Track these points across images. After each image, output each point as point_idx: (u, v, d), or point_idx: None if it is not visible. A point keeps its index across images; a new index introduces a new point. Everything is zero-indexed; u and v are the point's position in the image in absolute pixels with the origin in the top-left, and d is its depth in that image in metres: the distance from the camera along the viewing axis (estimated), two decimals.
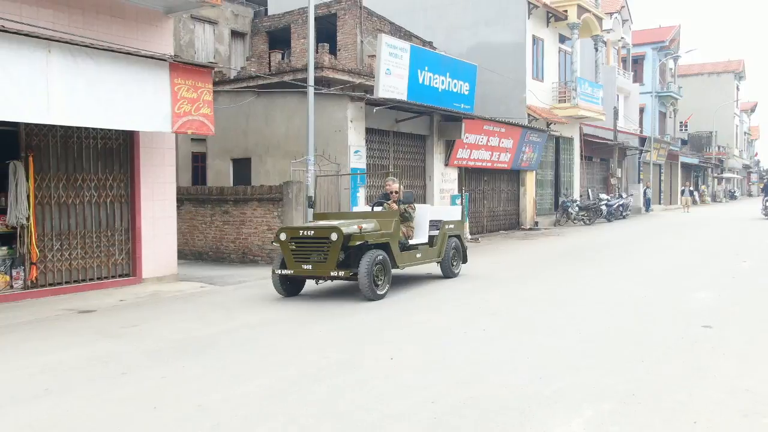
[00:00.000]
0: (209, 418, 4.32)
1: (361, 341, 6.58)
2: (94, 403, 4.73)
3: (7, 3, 8.79)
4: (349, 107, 14.88)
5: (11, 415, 4.48)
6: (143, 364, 5.76)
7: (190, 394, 4.87)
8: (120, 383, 5.20)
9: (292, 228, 9.26)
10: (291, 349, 6.30)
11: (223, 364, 5.76)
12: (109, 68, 8.81)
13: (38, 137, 9.50)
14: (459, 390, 4.86)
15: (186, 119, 9.80)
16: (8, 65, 7.75)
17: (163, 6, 10.71)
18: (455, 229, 11.18)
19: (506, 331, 6.93)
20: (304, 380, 5.17)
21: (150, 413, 4.44)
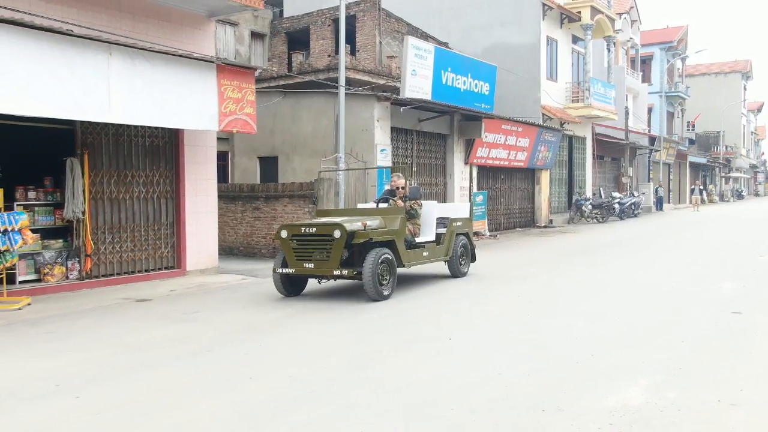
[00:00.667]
0: (304, 385, 4.79)
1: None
2: (193, 374, 5.20)
3: (69, 8, 9.26)
4: (376, 107, 15.36)
5: (127, 383, 4.94)
6: (221, 343, 6.24)
7: (276, 367, 5.34)
8: (208, 359, 5.67)
9: (293, 225, 8.85)
10: (339, 336, 6.76)
11: (294, 343, 6.23)
12: (163, 70, 9.30)
13: (92, 135, 9.99)
14: (519, 366, 5.31)
15: (231, 118, 10.28)
16: (75, 67, 8.23)
17: (206, 10, 11.18)
18: (463, 226, 10.78)
19: (543, 318, 7.38)
20: (365, 358, 5.64)
21: (250, 383, 4.91)
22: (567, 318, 7.22)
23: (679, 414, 4.13)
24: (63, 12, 9.19)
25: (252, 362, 5.53)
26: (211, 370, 5.31)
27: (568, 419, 4.06)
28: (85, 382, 4.98)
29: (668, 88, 47.24)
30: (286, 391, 4.70)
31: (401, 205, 9.48)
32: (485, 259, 13.15)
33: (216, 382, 4.96)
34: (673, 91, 47.45)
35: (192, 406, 4.42)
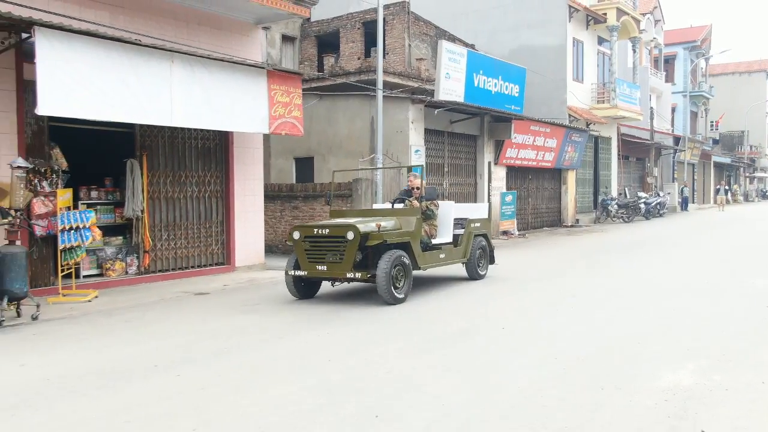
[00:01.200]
0: (386, 364, 5.28)
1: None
2: (275, 357, 5.70)
3: (131, 18, 9.83)
4: (410, 109, 15.82)
5: (218, 364, 5.44)
6: (291, 331, 6.75)
7: (352, 351, 5.84)
8: (285, 344, 6.19)
9: (306, 226, 8.62)
10: (404, 323, 7.23)
11: (358, 332, 6.71)
12: (219, 76, 9.83)
13: (150, 138, 10.55)
14: (569, 354, 5.74)
15: (280, 121, 10.79)
16: (141, 75, 8.78)
17: (254, 18, 11.72)
18: (482, 227, 10.49)
19: (585, 311, 7.79)
20: (433, 344, 6.11)
21: (331, 364, 5.39)
22: (608, 312, 7.63)
23: (727, 393, 4.54)
24: (126, 22, 9.76)
25: (327, 347, 6.01)
26: (290, 353, 5.81)
27: (626, 396, 4.48)
28: (179, 363, 5.49)
29: (692, 88, 47.16)
30: (364, 371, 5.17)
31: (417, 205, 9.21)
32: (520, 258, 13.57)
33: (298, 363, 5.45)
34: (696, 90, 47.36)
35: (282, 382, 4.90)
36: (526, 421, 4.03)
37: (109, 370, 5.34)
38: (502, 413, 4.18)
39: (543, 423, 3.99)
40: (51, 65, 7.77)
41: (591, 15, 25.86)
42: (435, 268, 9.81)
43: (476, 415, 4.14)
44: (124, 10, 9.85)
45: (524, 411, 4.21)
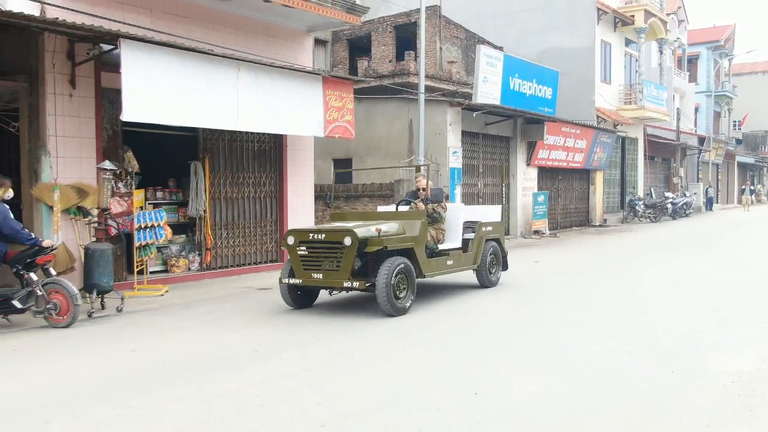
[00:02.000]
0: (461, 352, 5.77)
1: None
2: (370, 342, 6.21)
3: (195, 27, 10.39)
4: (448, 112, 16.29)
5: (314, 349, 5.96)
6: (372, 321, 7.25)
7: (433, 337, 6.33)
8: (369, 331, 6.69)
9: (301, 230, 8.08)
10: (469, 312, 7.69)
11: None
12: (279, 82, 10.37)
13: (212, 141, 11.12)
14: (631, 344, 6.19)
15: (334, 125, 11.31)
16: (212, 82, 9.34)
17: (306, 26, 12.26)
18: (494, 231, 9.86)
19: (638, 306, 8.22)
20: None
21: (415, 350, 5.90)
22: (659, 306, 8.06)
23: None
24: (188, 31, 10.30)
25: (408, 333, 6.51)
26: (379, 339, 6.34)
27: (697, 378, 4.94)
28: (279, 349, 6.02)
29: (715, 88, 47.15)
30: (454, 354, 5.67)
31: (422, 208, 8.65)
32: (556, 256, 13.99)
33: (393, 346, 5.99)
34: (720, 90, 47.33)
35: (384, 364, 5.42)
36: (618, 398, 4.50)
37: (215, 355, 5.87)
38: (581, 396, 4.66)
39: (629, 397, 4.46)
40: (134, 74, 8.34)
41: (619, 17, 26.17)
42: (443, 276, 9.28)
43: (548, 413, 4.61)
44: (189, 20, 10.41)
45: (607, 391, 4.68)
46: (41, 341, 6.65)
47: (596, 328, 6.79)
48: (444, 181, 16.15)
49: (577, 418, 4.15)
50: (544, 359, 5.55)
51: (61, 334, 6.95)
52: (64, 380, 5.21)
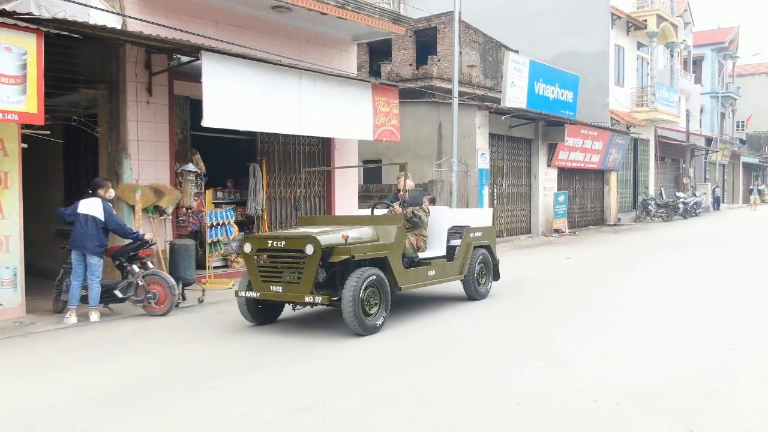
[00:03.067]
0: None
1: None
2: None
3: (254, 38, 11.08)
4: (477, 115, 17.01)
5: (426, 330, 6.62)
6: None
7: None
8: (470, 320, 7.38)
9: (259, 237, 7.36)
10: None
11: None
12: (335, 89, 11.08)
13: (268, 144, 11.82)
14: (679, 329, 6.90)
15: (382, 129, 12.02)
16: (278, 90, 10.04)
17: (352, 35, 12.97)
18: (484, 237, 8.95)
19: (678, 298, 8.94)
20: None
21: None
22: (696, 295, 8.78)
23: None
24: (249, 41, 10.95)
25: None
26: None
27: (756, 359, 5.65)
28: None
29: (719, 89, 47.90)
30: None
31: (399, 211, 7.74)
32: (586, 252, 14.69)
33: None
34: (724, 91, 48.09)
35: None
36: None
37: (325, 337, 6.55)
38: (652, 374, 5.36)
39: (710, 369, 5.17)
40: (213, 84, 9.04)
41: (632, 22, 26.88)
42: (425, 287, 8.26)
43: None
44: (250, 31, 11.10)
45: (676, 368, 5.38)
46: (151, 328, 7.35)
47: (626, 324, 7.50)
48: (473, 181, 16.87)
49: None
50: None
51: (162, 322, 7.65)
52: (202, 357, 5.90)
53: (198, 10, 10.36)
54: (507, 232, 18.99)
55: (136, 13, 9.47)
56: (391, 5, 12.40)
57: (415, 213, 8.00)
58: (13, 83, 7.04)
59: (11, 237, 7.95)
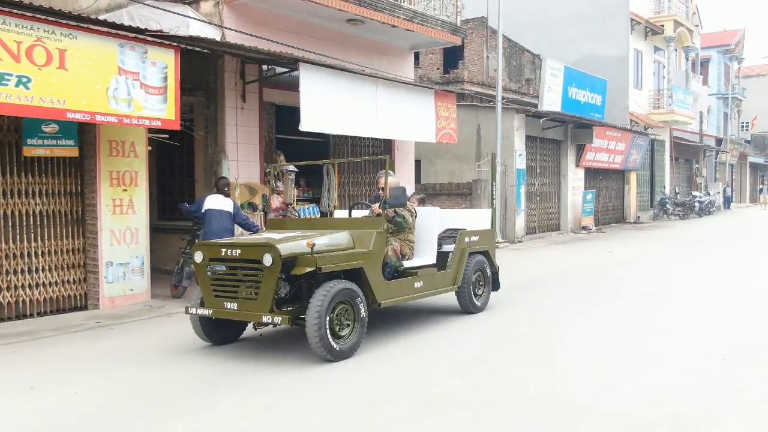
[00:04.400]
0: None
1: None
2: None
3: (330, 48, 12.03)
4: (515, 118, 17.98)
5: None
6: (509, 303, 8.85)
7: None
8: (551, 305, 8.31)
9: (211, 245, 6.25)
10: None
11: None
12: (404, 96, 12.04)
13: (339, 146, 12.79)
14: (744, 311, 7.88)
15: (443, 132, 13.00)
16: (358, 97, 10.99)
17: (410, 45, 13.94)
18: (481, 242, 7.94)
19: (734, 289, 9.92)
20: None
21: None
22: (753, 282, 9.76)
23: None
24: (325, 50, 11.92)
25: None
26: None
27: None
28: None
29: (725, 90, 48.93)
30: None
31: (377, 211, 6.78)
32: (622, 248, 15.66)
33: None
34: (731, 92, 49.14)
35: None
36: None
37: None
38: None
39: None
40: (309, 92, 10.00)
41: (650, 27, 27.89)
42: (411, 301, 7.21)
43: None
44: (325, 41, 12.05)
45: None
46: None
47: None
48: (511, 180, 17.84)
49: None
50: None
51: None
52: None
53: (283, 23, 11.31)
54: (539, 229, 19.97)
55: (232, 26, 10.43)
56: (449, 17, 13.36)
57: (398, 213, 6.79)
58: (157, 93, 8.00)
59: (140, 229, 8.93)
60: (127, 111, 7.68)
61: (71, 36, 7.13)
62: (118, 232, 8.64)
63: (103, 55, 7.43)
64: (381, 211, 6.71)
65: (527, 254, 14.97)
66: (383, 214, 6.68)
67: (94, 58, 7.34)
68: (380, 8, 11.58)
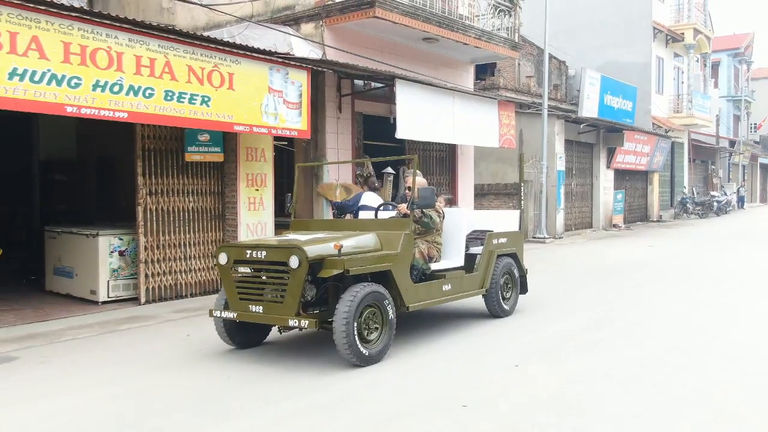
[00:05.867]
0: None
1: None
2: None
3: (404, 62, 13.47)
4: (556, 124, 19.44)
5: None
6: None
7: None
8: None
9: (236, 246, 6.24)
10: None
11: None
12: (475, 106, 13.50)
13: (412, 151, 14.18)
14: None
15: (504, 138, 14.45)
16: (439, 107, 12.44)
17: (471, 58, 15.38)
18: (509, 244, 7.87)
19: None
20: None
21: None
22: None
23: None
24: (402, 64, 13.35)
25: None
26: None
27: None
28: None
29: (734, 93, 50.34)
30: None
31: (404, 212, 6.59)
32: (658, 243, 17.08)
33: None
34: (740, 95, 50.57)
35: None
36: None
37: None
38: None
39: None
40: (403, 104, 11.44)
41: (671, 35, 29.32)
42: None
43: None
44: (401, 57, 13.47)
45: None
46: None
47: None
48: (551, 181, 19.29)
49: None
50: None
51: None
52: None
53: (370, 41, 12.70)
54: (574, 227, 21.41)
55: (329, 44, 11.89)
56: (507, 34, 14.81)
57: (425, 213, 6.74)
58: (295, 108, 9.47)
59: (267, 223, 10.39)
60: (274, 123, 9.15)
61: (237, 62, 8.60)
62: (252, 225, 10.11)
63: (258, 77, 8.90)
64: (408, 211, 6.51)
65: (576, 248, 16.41)
66: (410, 214, 6.49)
67: (252, 80, 8.81)
68: (455, 29, 13.02)
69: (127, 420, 4.54)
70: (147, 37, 7.53)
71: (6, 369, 5.86)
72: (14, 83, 6.39)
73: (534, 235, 18.13)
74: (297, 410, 4.63)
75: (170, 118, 7.82)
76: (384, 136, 13.27)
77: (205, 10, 12.85)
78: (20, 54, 6.42)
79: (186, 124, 8.06)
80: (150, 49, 7.54)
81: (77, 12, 6.85)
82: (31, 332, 7.24)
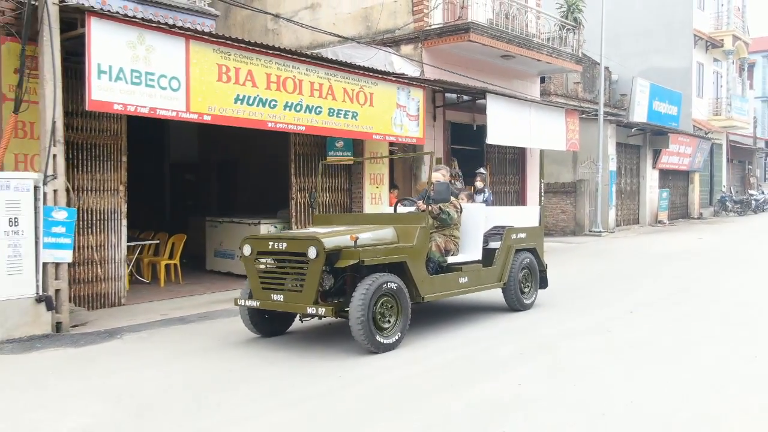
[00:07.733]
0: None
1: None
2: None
3: (482, 76, 15.43)
4: (609, 127, 21.26)
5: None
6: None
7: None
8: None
9: (259, 238, 6.72)
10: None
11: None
12: (546, 113, 15.42)
13: (490, 154, 16.22)
14: None
15: (570, 142, 16.36)
16: (519, 115, 14.39)
17: (538, 71, 17.32)
18: (528, 239, 8.10)
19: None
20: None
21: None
22: None
23: None
24: (482, 77, 15.31)
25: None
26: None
27: None
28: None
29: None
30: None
31: (422, 207, 6.94)
32: (705, 236, 18.81)
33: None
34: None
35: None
36: None
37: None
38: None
39: None
40: (493, 114, 13.42)
41: (710, 41, 30.86)
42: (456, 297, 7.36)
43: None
44: (481, 71, 15.41)
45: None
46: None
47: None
48: (604, 180, 21.11)
49: None
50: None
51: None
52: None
53: (457, 59, 14.66)
54: (623, 222, 23.18)
55: (426, 62, 13.91)
56: (571, 50, 16.72)
57: (443, 209, 7.03)
58: (414, 119, 11.53)
59: None
60: (400, 132, 11.21)
61: (375, 84, 10.68)
62: None
63: (389, 95, 10.97)
64: (426, 207, 6.80)
65: (632, 240, 18.21)
66: (428, 210, 6.78)
67: (385, 98, 10.88)
68: (531, 47, 14.99)
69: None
70: (317, 67, 9.64)
71: (209, 324, 7.84)
72: (237, 106, 8.52)
73: (590, 229, 19.98)
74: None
75: (332, 130, 9.92)
76: (467, 140, 15.32)
77: (308, 31, 14.89)
78: (241, 83, 8.55)
79: (341, 134, 10.17)
80: (319, 76, 9.64)
81: (275, 50, 8.97)
82: (219, 299, 9.40)
